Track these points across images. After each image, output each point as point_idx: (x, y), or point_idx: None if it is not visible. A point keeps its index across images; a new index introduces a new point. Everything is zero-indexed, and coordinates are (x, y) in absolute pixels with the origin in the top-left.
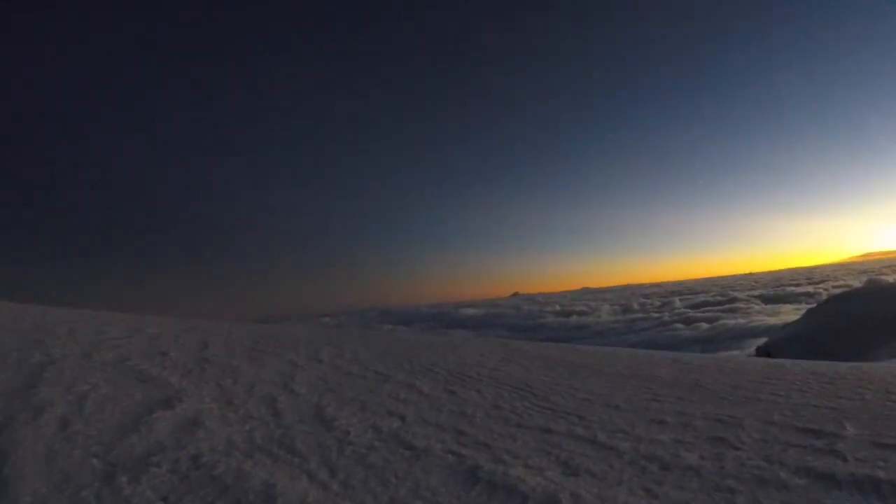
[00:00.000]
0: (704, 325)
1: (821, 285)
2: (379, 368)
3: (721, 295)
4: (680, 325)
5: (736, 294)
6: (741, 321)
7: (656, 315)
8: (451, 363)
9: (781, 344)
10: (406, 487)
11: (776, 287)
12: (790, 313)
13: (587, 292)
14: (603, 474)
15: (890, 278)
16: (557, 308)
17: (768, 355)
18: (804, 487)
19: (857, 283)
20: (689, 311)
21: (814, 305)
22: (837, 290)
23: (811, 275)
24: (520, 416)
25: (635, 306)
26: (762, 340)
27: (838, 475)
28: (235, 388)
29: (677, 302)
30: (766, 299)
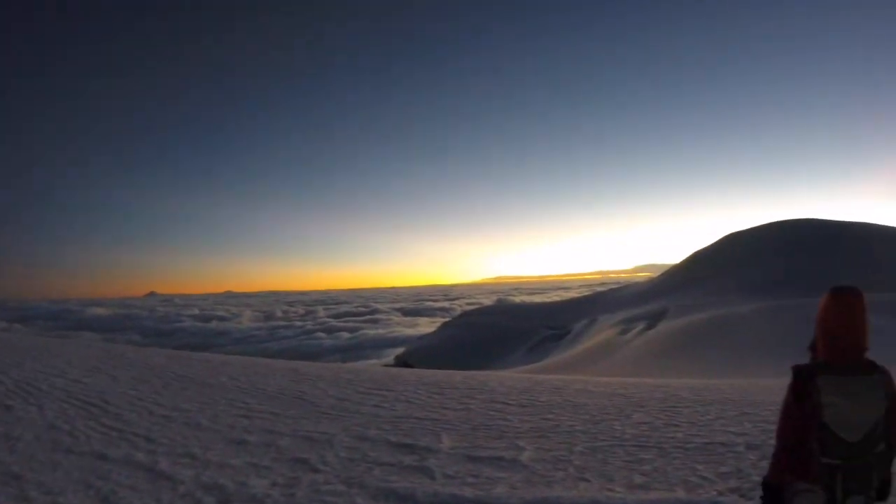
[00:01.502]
0: (346, 335)
1: (456, 301)
2: None
3: (364, 306)
4: (322, 334)
5: (378, 306)
6: (381, 332)
7: (299, 323)
8: (28, 371)
9: (418, 353)
10: None
11: (416, 301)
12: (427, 325)
13: (231, 296)
14: None
15: (517, 299)
16: (196, 311)
17: (406, 364)
18: None
19: (488, 302)
20: (332, 320)
21: (449, 319)
22: (471, 307)
23: (448, 292)
24: (76, 438)
25: (279, 313)
26: (401, 350)
27: (419, 496)
28: None
29: (321, 311)
30: (406, 312)
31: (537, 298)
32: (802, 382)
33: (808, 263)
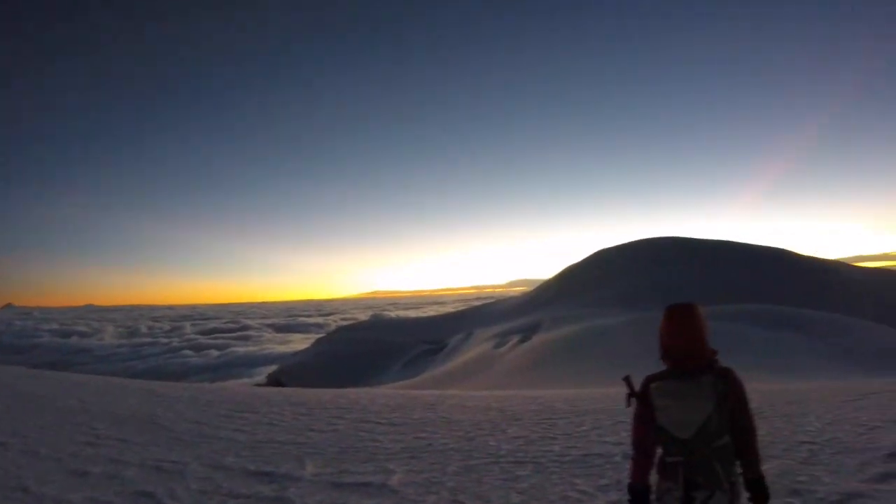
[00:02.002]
0: (215, 352)
1: (330, 317)
2: None
3: (233, 322)
4: (189, 352)
5: (248, 322)
6: (252, 349)
7: (165, 340)
8: None
9: (292, 371)
10: None
11: (288, 317)
12: (301, 342)
13: (92, 310)
14: None
15: (393, 314)
16: (56, 326)
17: (278, 383)
18: None
19: (363, 317)
20: (200, 337)
21: (323, 335)
22: (346, 322)
23: (322, 307)
24: None
25: (143, 329)
26: (273, 368)
27: None
28: None
29: (188, 327)
30: (278, 328)
31: (413, 313)
32: (641, 390)
33: (673, 277)
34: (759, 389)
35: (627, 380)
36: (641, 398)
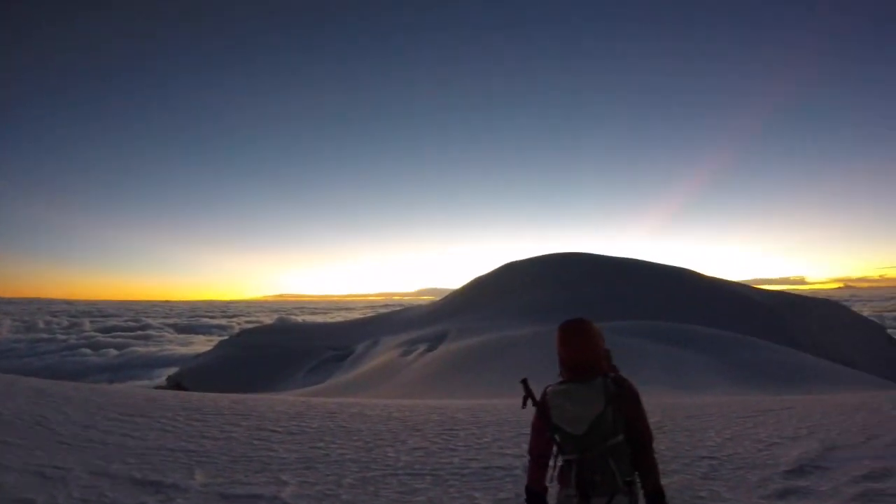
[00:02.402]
0: (114, 352)
1: (234, 319)
2: None
3: (134, 320)
4: (88, 350)
5: (149, 321)
6: (153, 349)
7: (63, 337)
8: None
9: (193, 374)
10: None
11: (191, 317)
12: (203, 344)
13: None
14: None
15: (299, 318)
16: None
17: (179, 386)
18: None
19: (268, 320)
20: (99, 335)
21: (226, 338)
22: (250, 325)
23: (226, 308)
24: None
25: (41, 325)
26: (174, 370)
27: None
28: None
29: (87, 324)
30: (180, 329)
31: (320, 318)
32: (540, 398)
33: (579, 292)
34: (660, 403)
35: (525, 382)
36: (539, 406)
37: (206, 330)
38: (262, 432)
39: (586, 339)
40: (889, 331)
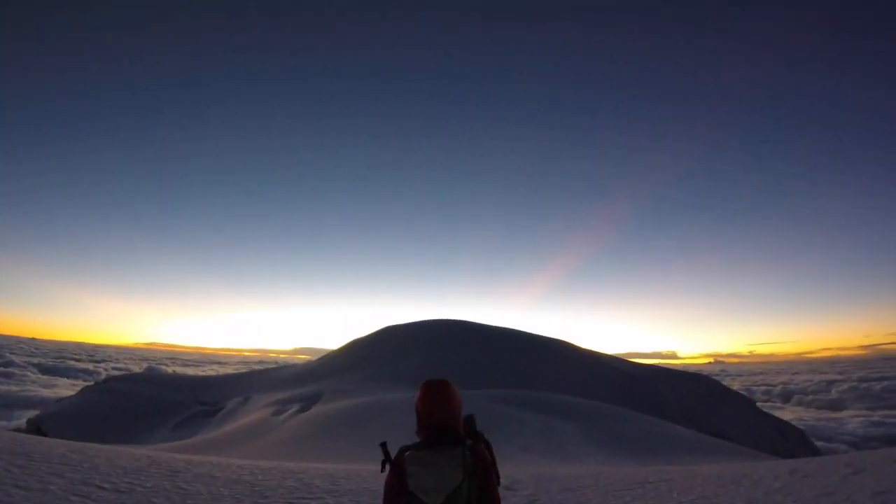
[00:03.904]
0: None
1: (102, 364)
2: None
3: None
4: None
5: (13, 357)
6: (14, 388)
7: None
8: None
9: (54, 419)
10: None
11: (57, 358)
12: (67, 387)
13: None
14: None
15: (169, 369)
16: None
17: (39, 430)
18: None
19: (137, 368)
20: None
21: (92, 383)
22: (117, 372)
23: (95, 352)
24: None
25: None
26: (35, 412)
27: None
28: None
29: None
30: (45, 369)
31: (191, 370)
32: (395, 458)
33: (456, 359)
34: (534, 474)
35: (384, 446)
36: (395, 466)
37: (71, 373)
38: (86, 487)
39: (448, 400)
40: (758, 404)
